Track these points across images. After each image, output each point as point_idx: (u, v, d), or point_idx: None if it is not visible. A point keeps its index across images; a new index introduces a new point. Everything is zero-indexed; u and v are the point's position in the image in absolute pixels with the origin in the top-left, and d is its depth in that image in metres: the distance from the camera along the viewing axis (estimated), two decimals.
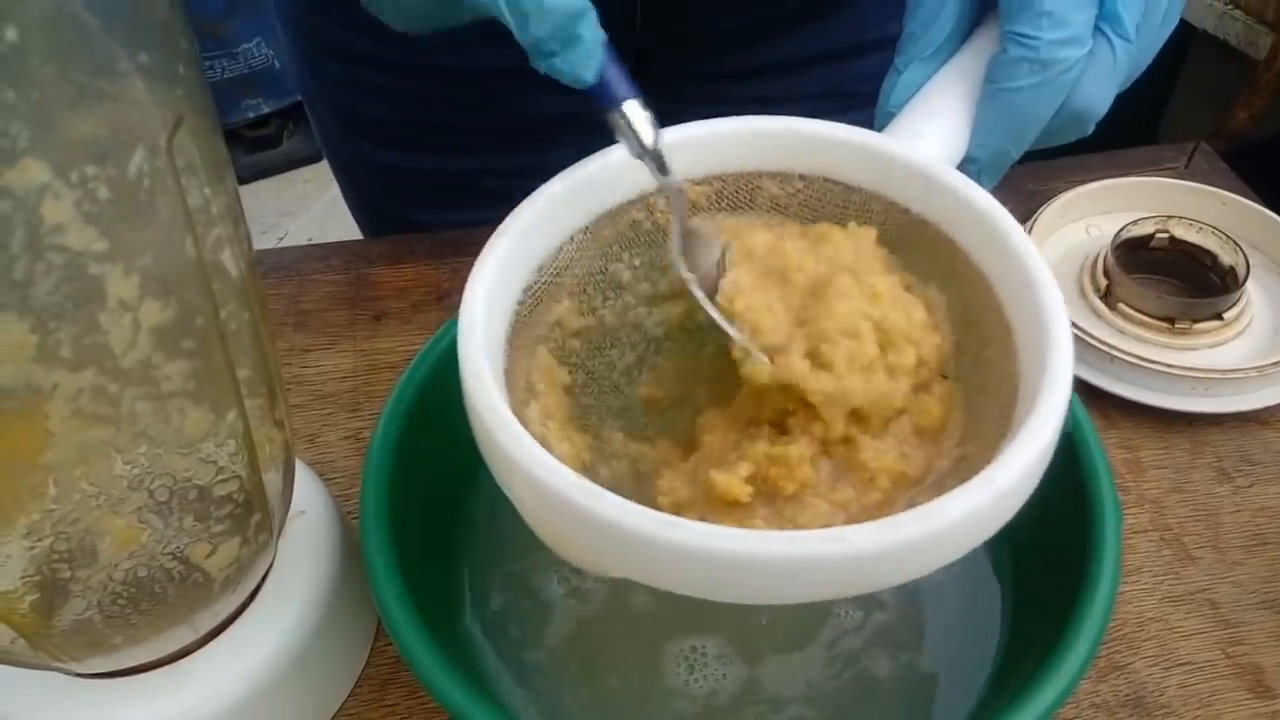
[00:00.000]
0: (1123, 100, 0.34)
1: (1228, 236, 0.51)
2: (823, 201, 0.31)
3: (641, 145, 0.27)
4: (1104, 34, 0.30)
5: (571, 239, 0.30)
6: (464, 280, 0.27)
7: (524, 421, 0.25)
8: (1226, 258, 0.51)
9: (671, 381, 0.32)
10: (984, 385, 0.28)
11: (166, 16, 0.23)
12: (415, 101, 0.59)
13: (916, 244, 0.30)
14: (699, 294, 0.28)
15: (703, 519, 0.25)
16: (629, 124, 0.27)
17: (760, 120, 0.31)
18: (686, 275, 0.28)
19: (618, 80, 0.28)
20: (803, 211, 0.32)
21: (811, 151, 0.31)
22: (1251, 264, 0.50)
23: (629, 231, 0.31)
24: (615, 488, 0.23)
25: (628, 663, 0.35)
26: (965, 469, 0.24)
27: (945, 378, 0.29)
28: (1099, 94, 0.31)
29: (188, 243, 0.24)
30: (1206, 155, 0.64)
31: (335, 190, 0.72)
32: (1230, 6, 1.14)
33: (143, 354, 0.24)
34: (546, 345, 0.30)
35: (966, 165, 0.31)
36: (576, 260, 0.31)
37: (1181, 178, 0.57)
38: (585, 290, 0.31)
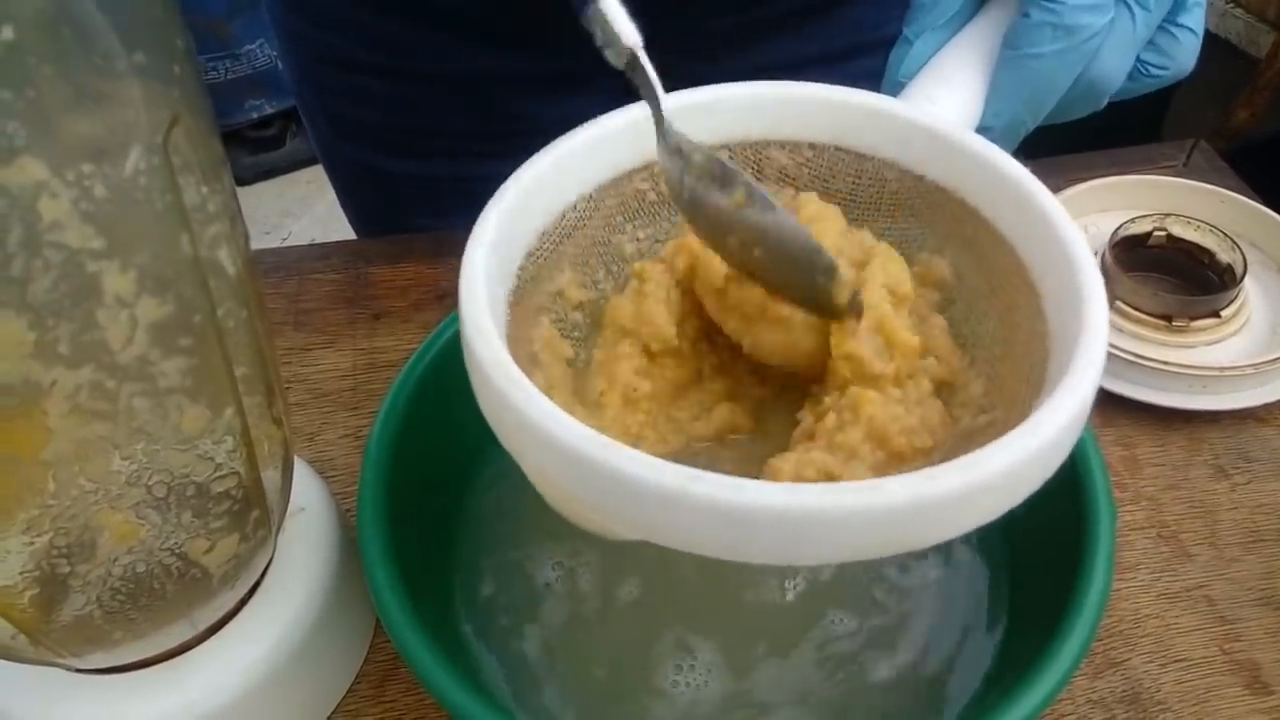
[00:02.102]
0: (1125, 100, 0.34)
1: (1225, 234, 0.51)
2: (834, 171, 0.30)
3: (619, 45, 0.26)
4: (1125, 2, 0.30)
5: (574, 206, 0.29)
6: None
7: None
8: (1224, 255, 0.51)
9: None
10: (1010, 351, 0.27)
11: (162, 16, 0.23)
12: (410, 107, 0.60)
13: (931, 213, 0.29)
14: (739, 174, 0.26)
15: None
16: (605, 18, 0.25)
17: (767, 85, 0.30)
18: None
19: None
20: (813, 182, 0.31)
21: (822, 117, 0.29)
22: (1249, 262, 0.50)
23: (633, 202, 0.30)
24: None
25: (617, 658, 0.35)
26: (995, 432, 0.23)
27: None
28: (1117, 64, 0.31)
29: (184, 240, 0.25)
30: (1205, 153, 0.64)
31: None
32: (1231, 5, 1.14)
33: (140, 350, 0.24)
34: (549, 316, 0.29)
35: (980, 135, 0.30)
36: (578, 229, 0.29)
37: (1181, 176, 0.57)
38: (587, 262, 0.30)
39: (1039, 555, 0.35)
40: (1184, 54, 0.33)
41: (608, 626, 0.36)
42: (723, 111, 0.30)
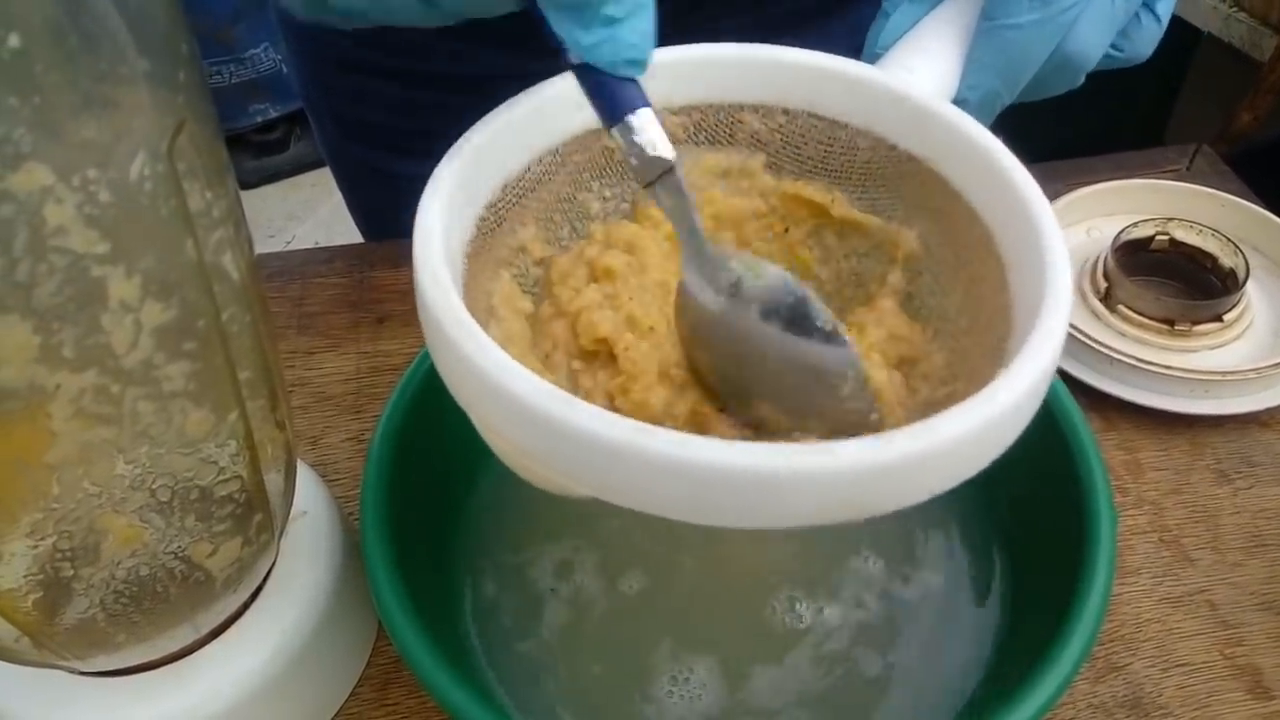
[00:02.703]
0: (1129, 104, 0.34)
1: (1228, 238, 0.51)
2: (806, 138, 0.30)
3: (657, 161, 0.24)
4: None
5: (540, 159, 0.29)
6: None
7: None
8: (1226, 260, 0.51)
9: None
10: (974, 325, 0.27)
11: (168, 22, 0.23)
12: (419, 109, 0.60)
13: (902, 182, 0.29)
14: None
15: None
16: (642, 134, 0.24)
17: (743, 48, 0.30)
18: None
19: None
20: (784, 149, 0.30)
21: (796, 83, 0.29)
22: (1251, 266, 0.50)
23: (600, 159, 0.30)
24: None
25: (617, 661, 0.35)
26: (954, 404, 0.23)
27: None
28: (1094, 40, 0.30)
29: (189, 245, 0.25)
30: (1208, 157, 0.64)
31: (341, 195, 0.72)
32: (1234, 9, 1.14)
33: (144, 355, 0.24)
34: (510, 270, 0.29)
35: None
36: (543, 183, 0.29)
37: (1183, 180, 0.57)
38: (552, 218, 0.30)
39: (1040, 559, 0.35)
40: (1144, 40, 0.33)
41: (609, 629, 0.36)
42: (696, 72, 0.30)
